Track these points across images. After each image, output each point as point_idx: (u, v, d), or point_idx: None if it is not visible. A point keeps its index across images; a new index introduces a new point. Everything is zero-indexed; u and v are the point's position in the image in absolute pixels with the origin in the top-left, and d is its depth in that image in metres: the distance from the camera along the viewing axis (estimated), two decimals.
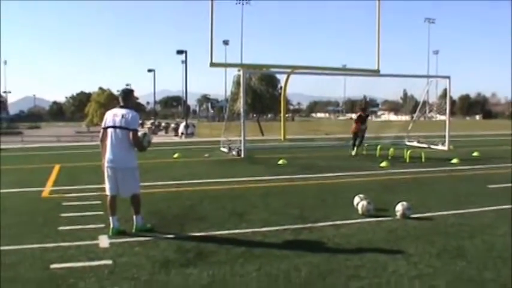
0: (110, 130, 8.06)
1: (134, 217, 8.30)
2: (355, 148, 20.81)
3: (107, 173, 8.16)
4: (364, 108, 22.34)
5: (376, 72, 24.46)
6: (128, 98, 8.34)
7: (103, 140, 8.20)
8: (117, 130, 7.99)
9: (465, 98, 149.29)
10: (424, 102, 28.91)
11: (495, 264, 6.44)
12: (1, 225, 8.60)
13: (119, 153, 8.01)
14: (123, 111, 8.07)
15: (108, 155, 8.08)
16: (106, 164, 8.12)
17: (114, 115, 8.09)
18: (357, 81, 27.60)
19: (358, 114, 21.51)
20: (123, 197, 8.31)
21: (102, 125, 8.24)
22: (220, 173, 15.39)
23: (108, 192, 8.24)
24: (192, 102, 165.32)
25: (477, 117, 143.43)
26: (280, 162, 17.56)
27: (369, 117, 22.08)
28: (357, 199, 9.83)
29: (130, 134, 7.96)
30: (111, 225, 8.11)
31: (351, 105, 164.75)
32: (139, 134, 8.14)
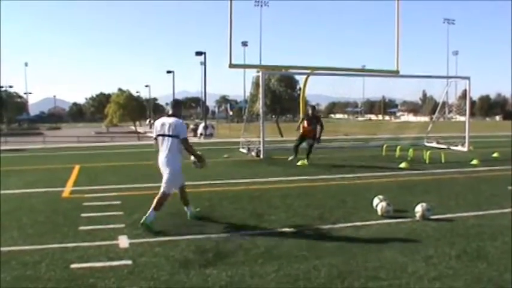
0: (159, 138, 8.72)
1: (149, 210, 8.50)
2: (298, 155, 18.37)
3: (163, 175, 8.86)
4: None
5: (395, 73, 24.36)
6: (176, 107, 9.01)
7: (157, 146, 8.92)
8: (166, 138, 8.63)
9: (485, 99, 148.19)
10: (444, 103, 28.73)
11: None
12: (22, 225, 8.71)
13: (168, 157, 8.65)
14: (171, 120, 8.69)
15: (160, 159, 8.78)
16: (161, 168, 8.82)
17: (163, 124, 8.71)
18: (376, 82, 27.46)
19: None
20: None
21: (154, 135, 8.94)
22: (240, 173, 15.40)
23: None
24: (211, 103, 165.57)
25: (497, 118, 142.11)
26: (300, 163, 17.54)
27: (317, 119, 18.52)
28: (376, 200, 9.80)
29: (181, 141, 8.64)
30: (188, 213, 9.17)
31: (370, 106, 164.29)
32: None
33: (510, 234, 7.96)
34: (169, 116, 8.80)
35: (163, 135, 8.64)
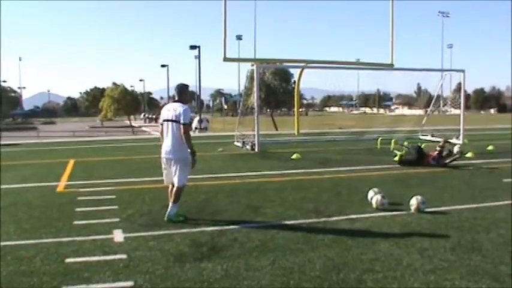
0: (164, 124, 8.61)
1: (170, 204, 8.58)
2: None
3: (163, 164, 8.73)
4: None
5: (389, 66, 24.39)
6: (181, 93, 8.80)
7: (162, 133, 8.75)
8: (170, 123, 8.50)
9: (480, 92, 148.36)
10: (438, 96, 28.83)
11: (511, 259, 6.40)
12: (17, 220, 8.68)
13: (173, 145, 8.50)
14: (175, 105, 8.57)
15: (163, 147, 8.64)
16: (162, 155, 8.66)
17: (168, 110, 8.64)
18: (370, 75, 27.53)
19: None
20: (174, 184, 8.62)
21: (160, 120, 8.81)
22: (235, 167, 15.41)
23: (165, 182, 8.84)
24: (205, 97, 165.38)
25: (492, 111, 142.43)
26: (294, 156, 17.56)
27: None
28: (371, 193, 9.81)
29: (181, 127, 8.40)
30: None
31: (365, 99, 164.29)
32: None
33: (505, 226, 7.98)
34: (175, 101, 8.74)
35: (168, 121, 8.56)
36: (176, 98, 8.75)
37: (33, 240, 7.41)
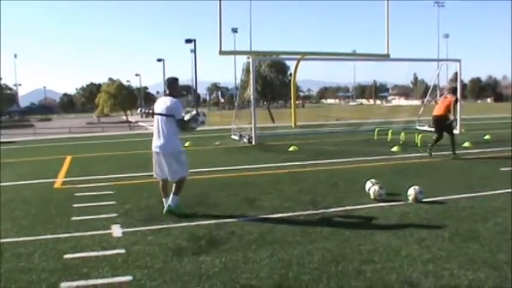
0: (156, 117, 8.60)
1: (171, 195, 8.55)
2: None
3: (153, 157, 8.66)
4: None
5: (386, 57, 24.36)
6: (171, 86, 8.75)
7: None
8: (160, 117, 8.47)
9: (476, 81, 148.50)
10: (435, 86, 28.82)
11: (509, 247, 6.40)
12: (14, 217, 8.67)
13: (163, 138, 8.45)
14: (166, 99, 8.55)
15: (154, 140, 8.60)
16: (152, 149, 8.62)
17: (159, 103, 8.63)
18: (366, 66, 27.58)
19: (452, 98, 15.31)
20: (172, 180, 8.59)
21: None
22: (232, 160, 15.40)
23: (154, 176, 8.83)
24: (202, 90, 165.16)
25: (488, 100, 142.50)
26: (291, 148, 17.58)
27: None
28: (368, 184, 9.81)
29: (176, 122, 8.40)
30: (165, 205, 8.61)
31: (361, 90, 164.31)
32: (187, 116, 8.53)
33: (502, 215, 7.99)
34: (166, 95, 8.71)
35: (158, 114, 8.53)
36: (167, 92, 8.72)
37: (31, 237, 7.40)
